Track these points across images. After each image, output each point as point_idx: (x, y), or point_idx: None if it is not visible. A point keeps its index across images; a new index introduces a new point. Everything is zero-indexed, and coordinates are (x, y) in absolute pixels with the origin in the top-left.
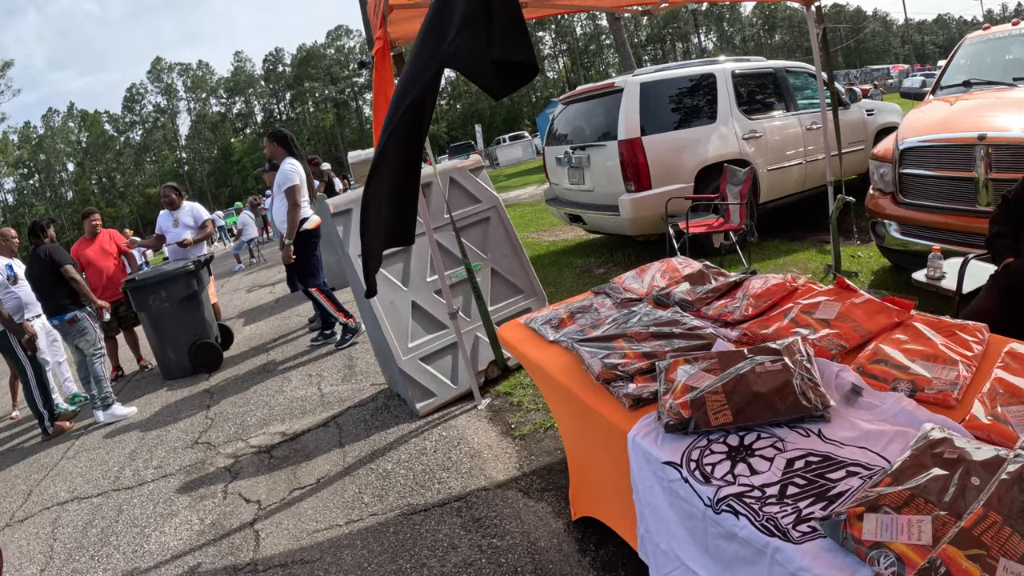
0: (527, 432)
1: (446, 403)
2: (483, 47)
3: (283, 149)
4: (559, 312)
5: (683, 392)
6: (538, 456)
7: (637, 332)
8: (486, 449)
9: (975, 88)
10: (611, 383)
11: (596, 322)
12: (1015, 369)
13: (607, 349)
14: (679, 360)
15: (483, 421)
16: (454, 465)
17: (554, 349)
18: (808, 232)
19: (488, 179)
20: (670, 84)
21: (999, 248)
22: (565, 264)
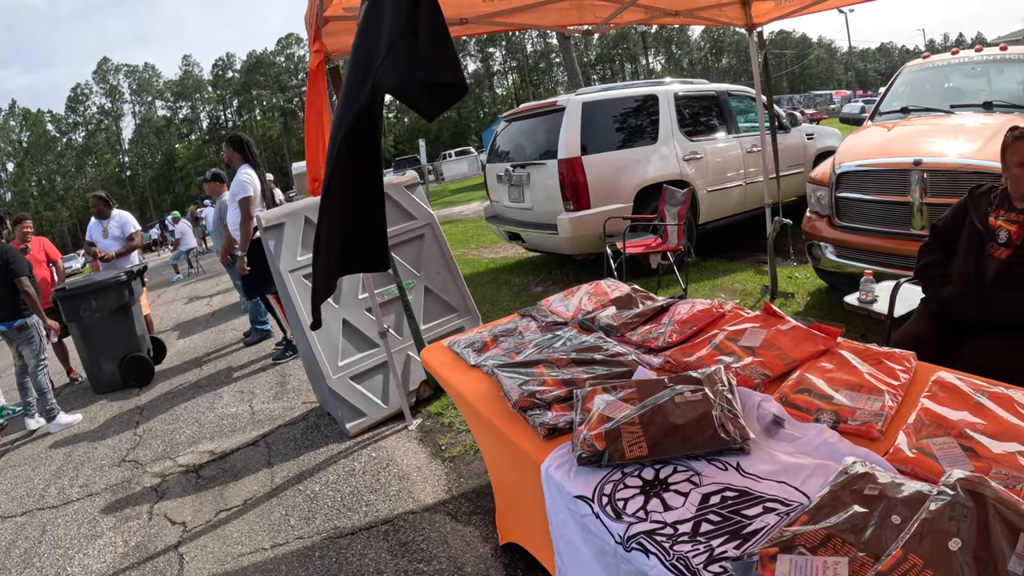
0: (457, 454)
1: (376, 423)
2: (412, 69)
3: (240, 155)
4: (483, 335)
5: (599, 423)
6: (467, 479)
7: (558, 358)
8: (415, 471)
9: (913, 114)
10: (528, 411)
11: (519, 346)
12: (942, 399)
13: (527, 375)
14: (597, 389)
15: (413, 442)
16: (382, 487)
17: (475, 374)
18: (747, 252)
19: (423, 195)
20: (612, 104)
21: (930, 279)
22: (503, 282)
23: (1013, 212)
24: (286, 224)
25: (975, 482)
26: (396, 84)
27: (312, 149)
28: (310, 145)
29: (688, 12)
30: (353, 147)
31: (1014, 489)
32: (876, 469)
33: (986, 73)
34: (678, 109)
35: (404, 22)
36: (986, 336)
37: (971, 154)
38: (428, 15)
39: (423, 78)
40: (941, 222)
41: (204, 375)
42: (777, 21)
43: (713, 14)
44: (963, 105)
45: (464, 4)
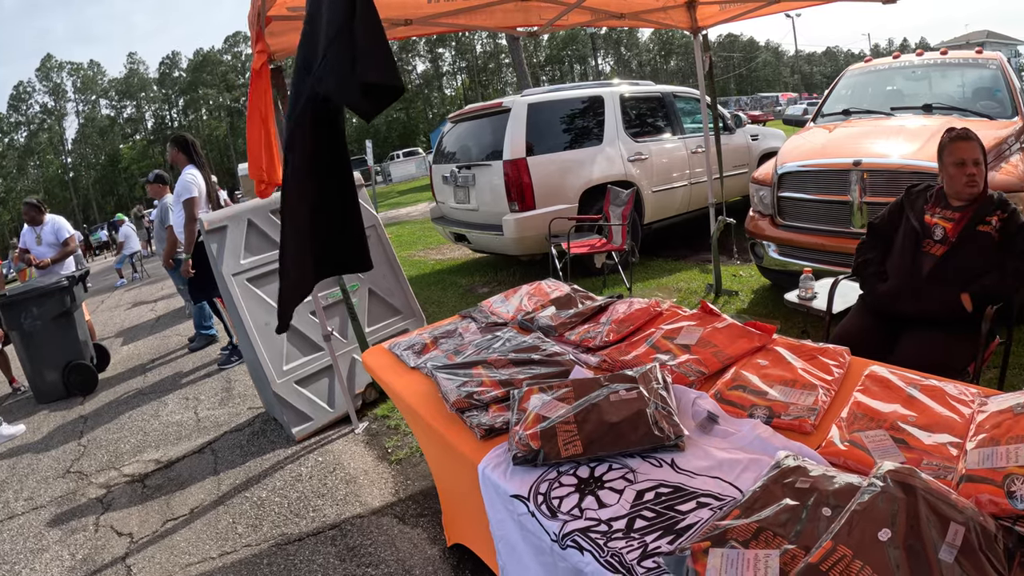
0: (403, 456)
1: (323, 427)
2: (348, 70)
3: (184, 156)
4: (423, 337)
5: (534, 422)
6: (414, 480)
7: (497, 359)
8: (362, 474)
9: (854, 116)
10: (465, 412)
11: (459, 347)
12: (875, 392)
13: (465, 376)
14: (534, 388)
15: (360, 445)
16: (330, 492)
17: (415, 376)
18: (692, 252)
19: (367, 197)
20: (558, 105)
21: (867, 275)
22: (450, 283)
23: (949, 210)
24: (229, 227)
25: (905, 473)
26: (335, 86)
27: (255, 151)
28: (252, 147)
29: (633, 15)
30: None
31: (944, 479)
32: (808, 462)
33: (926, 76)
34: (624, 110)
35: (340, 24)
36: (922, 330)
37: (909, 155)
38: (364, 17)
39: (360, 80)
40: (878, 220)
41: (149, 382)
42: (722, 24)
43: (659, 17)
44: (903, 107)
45: (408, 5)
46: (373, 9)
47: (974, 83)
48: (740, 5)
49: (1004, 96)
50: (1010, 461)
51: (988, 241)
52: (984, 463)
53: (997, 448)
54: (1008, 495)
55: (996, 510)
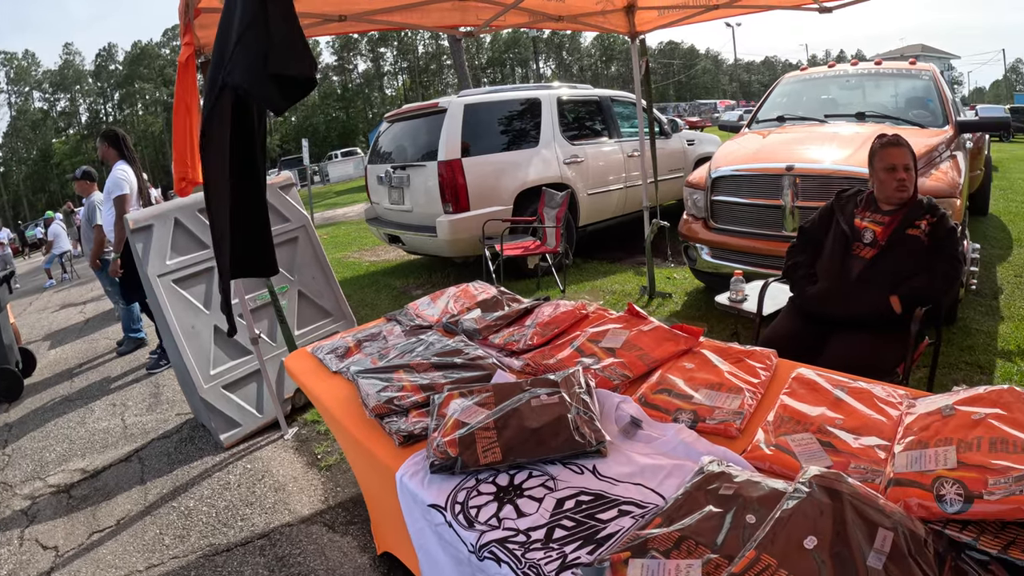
0: (333, 462)
1: (251, 433)
2: (260, 61)
3: (115, 151)
4: (347, 340)
5: (453, 428)
6: (344, 487)
7: (419, 362)
8: (291, 482)
9: (788, 123)
10: (384, 418)
11: (382, 351)
12: (802, 395)
13: (386, 381)
14: (454, 393)
15: (289, 452)
16: (258, 500)
17: (336, 380)
18: (627, 254)
19: (298, 197)
20: (495, 107)
21: (797, 278)
22: (384, 285)
23: (879, 214)
24: (155, 226)
25: (831, 478)
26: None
27: (180, 147)
28: (177, 142)
29: (572, 17)
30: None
31: (872, 483)
32: (732, 468)
33: (860, 86)
34: (561, 113)
35: (254, 13)
36: (851, 332)
37: (841, 160)
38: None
39: (273, 71)
40: (808, 224)
41: (76, 388)
42: (661, 30)
43: (597, 20)
44: (837, 115)
45: (342, 1)
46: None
47: (907, 93)
48: (679, 11)
49: (936, 106)
50: (939, 464)
51: (917, 245)
52: (912, 466)
53: (925, 451)
54: (937, 498)
55: (925, 514)
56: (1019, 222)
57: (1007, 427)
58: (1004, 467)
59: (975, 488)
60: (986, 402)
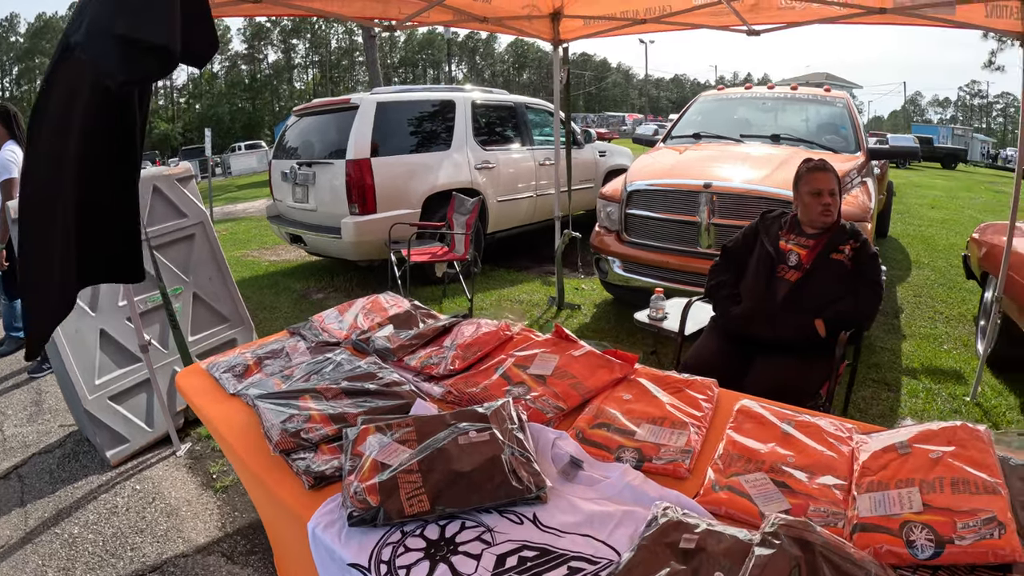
0: (230, 483)
1: (141, 450)
2: (108, 21)
3: (5, 130)
4: (246, 357)
5: (372, 471)
6: (242, 512)
7: (327, 387)
8: (185, 505)
9: (704, 140)
10: (291, 454)
11: (286, 370)
12: (748, 430)
13: (291, 409)
14: (370, 428)
15: (182, 471)
16: (149, 527)
17: (234, 404)
18: (535, 263)
19: (196, 191)
20: (408, 107)
21: (720, 298)
22: (283, 287)
23: (803, 237)
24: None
25: (800, 528)
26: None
27: None
28: None
29: (497, 20)
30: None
31: (835, 528)
32: (689, 515)
33: (775, 108)
34: (474, 117)
35: None
36: (776, 355)
37: (757, 180)
38: None
39: (122, 31)
40: (732, 244)
41: None
42: (583, 40)
43: (522, 25)
44: (753, 136)
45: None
46: None
47: (819, 118)
48: (605, 23)
49: (849, 132)
50: (904, 508)
51: (841, 269)
52: (877, 510)
53: (888, 493)
54: (908, 544)
55: (896, 560)
56: (916, 244)
57: (966, 466)
58: (971, 510)
59: (945, 532)
60: (940, 440)
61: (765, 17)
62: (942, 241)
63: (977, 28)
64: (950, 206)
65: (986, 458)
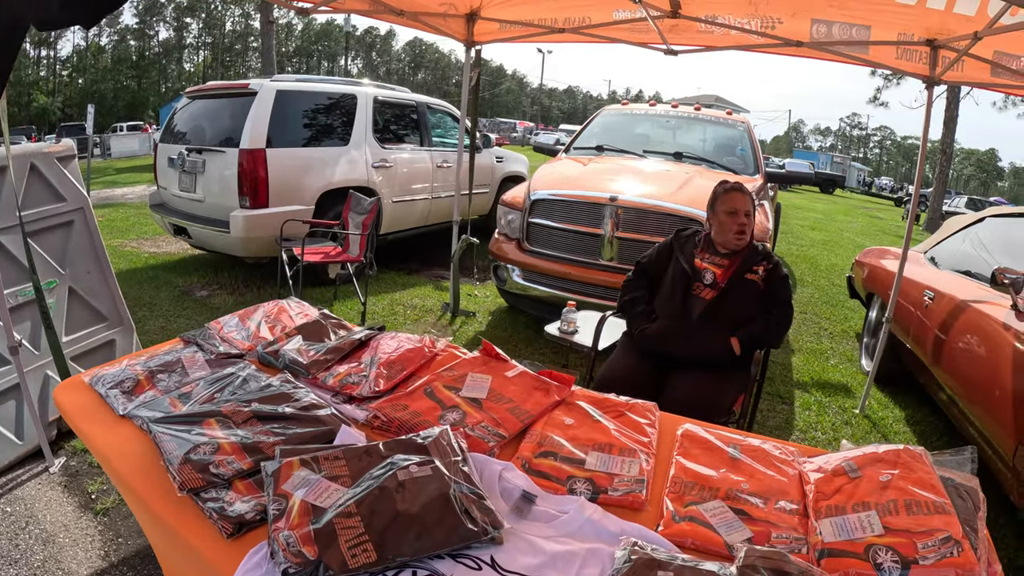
0: (111, 504)
1: (10, 464)
2: None
3: None
4: (136, 369)
5: (303, 516)
6: (127, 538)
7: (235, 409)
8: (62, 531)
9: (607, 153)
10: (200, 493)
11: (183, 387)
12: (696, 455)
13: (195, 436)
14: (293, 461)
15: (57, 490)
16: (24, 556)
17: (126, 428)
18: (424, 266)
19: (78, 172)
20: (309, 97)
21: (634, 314)
22: (164, 282)
23: (718, 256)
24: None
25: (776, 559)
26: None
27: None
28: None
29: (413, 14)
30: None
31: (799, 554)
32: (658, 550)
33: (676, 127)
34: (375, 113)
35: None
36: (692, 371)
37: (663, 196)
38: None
39: None
40: (646, 259)
41: None
42: (495, 43)
43: (437, 22)
44: (655, 152)
45: None
46: None
47: (718, 139)
48: (521, 28)
49: (748, 154)
50: (866, 531)
51: (754, 289)
52: (840, 535)
53: (848, 517)
54: (875, 567)
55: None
56: (800, 263)
57: (916, 488)
58: (928, 530)
59: (908, 553)
60: (887, 463)
61: (685, 38)
62: (824, 261)
63: (887, 68)
64: (830, 228)
65: (931, 479)
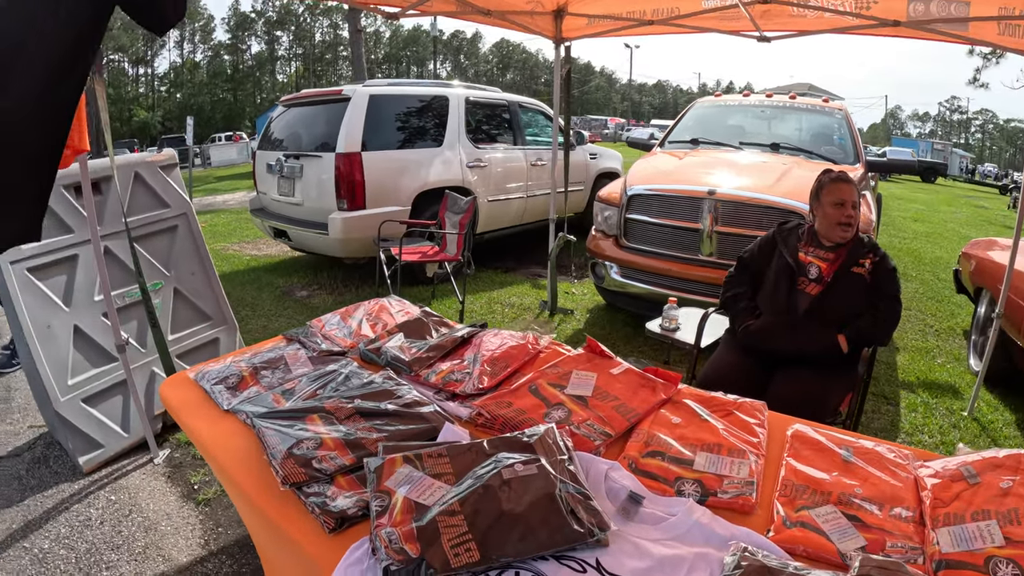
0: (212, 495)
1: (116, 455)
2: None
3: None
4: (240, 365)
5: (406, 513)
6: (226, 527)
7: (338, 405)
8: (164, 519)
9: (702, 146)
10: (303, 488)
11: (286, 384)
12: (807, 457)
13: (298, 432)
14: (396, 458)
15: (160, 480)
16: (126, 542)
17: (229, 423)
18: (521, 264)
19: (180, 179)
20: (401, 100)
21: (738, 310)
22: (266, 283)
23: (822, 250)
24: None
25: (892, 569)
26: None
27: None
28: None
29: (500, 13)
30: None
31: (916, 564)
32: (769, 557)
33: (772, 117)
34: (467, 114)
35: None
36: (797, 369)
37: (762, 189)
38: None
39: None
40: (747, 254)
41: None
42: (583, 39)
43: (525, 20)
44: (752, 143)
45: None
46: None
47: (815, 128)
48: (610, 22)
49: (847, 143)
50: (986, 542)
51: (861, 283)
52: (959, 545)
53: (966, 527)
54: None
55: None
56: (903, 257)
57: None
58: None
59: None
60: (1007, 469)
61: (777, 24)
62: (928, 254)
63: (988, 45)
64: (933, 219)
65: None
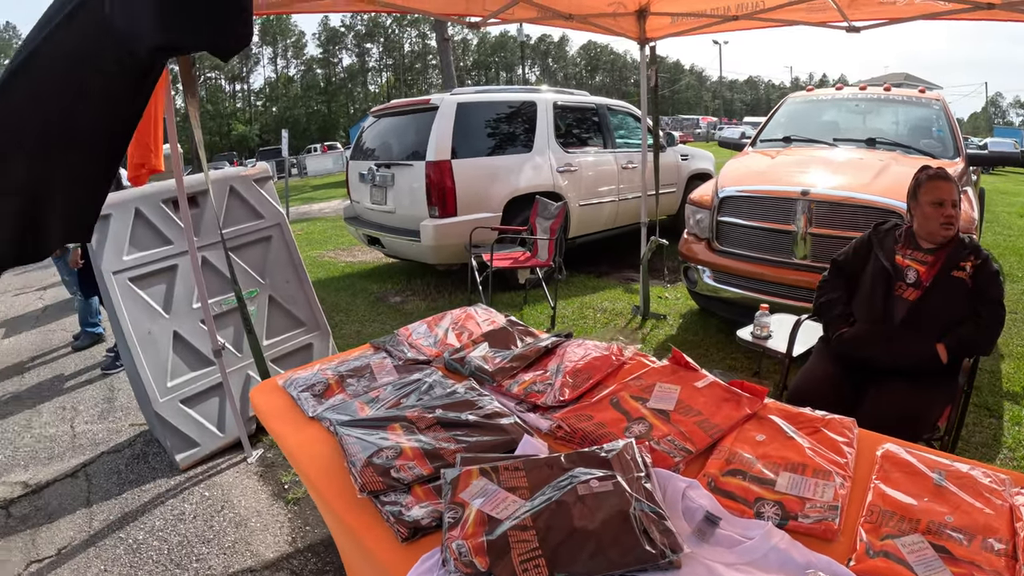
0: (302, 495)
1: (211, 454)
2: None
3: None
4: (327, 374)
5: (478, 526)
6: (314, 527)
7: (420, 415)
8: (254, 516)
9: (795, 144)
10: (380, 496)
11: (371, 391)
12: (897, 480)
13: (379, 440)
14: (473, 470)
15: (252, 479)
16: (216, 537)
17: (314, 430)
18: (613, 268)
19: (274, 192)
20: (489, 107)
21: (832, 317)
22: (360, 289)
23: (920, 252)
24: (113, 216)
25: None
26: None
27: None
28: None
29: (582, 17)
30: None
31: None
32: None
33: (866, 111)
34: (556, 119)
35: None
36: (893, 381)
37: (858, 188)
38: None
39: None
40: (842, 257)
41: (26, 385)
42: (668, 38)
43: (607, 23)
44: (846, 139)
45: None
46: None
47: (912, 121)
48: (694, 19)
49: (946, 136)
50: None
51: (962, 287)
52: None
53: None
54: None
55: None
56: (1009, 256)
57: None
58: None
59: None
60: None
61: (865, 13)
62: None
63: None
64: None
65: None
